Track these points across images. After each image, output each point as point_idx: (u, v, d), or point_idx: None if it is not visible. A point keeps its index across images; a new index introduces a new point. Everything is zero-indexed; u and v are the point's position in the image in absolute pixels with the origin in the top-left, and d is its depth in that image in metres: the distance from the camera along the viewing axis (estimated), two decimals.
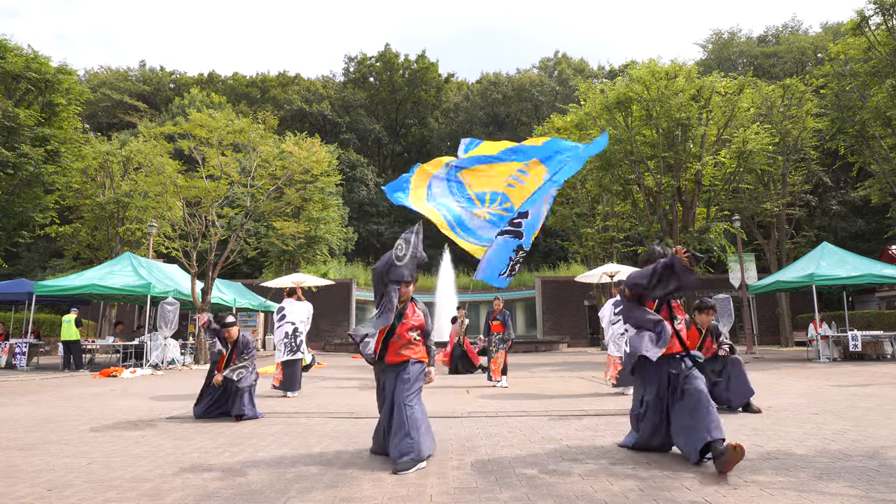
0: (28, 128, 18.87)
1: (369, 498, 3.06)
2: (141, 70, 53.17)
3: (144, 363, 13.83)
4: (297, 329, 8.51)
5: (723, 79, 19.72)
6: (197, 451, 4.34)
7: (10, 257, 25.98)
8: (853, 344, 14.19)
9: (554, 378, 10.81)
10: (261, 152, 18.50)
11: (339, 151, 37.13)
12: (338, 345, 25.94)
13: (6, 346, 15.30)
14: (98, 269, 15.62)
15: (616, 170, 20.23)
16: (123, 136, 33.54)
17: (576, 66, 52.04)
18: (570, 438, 4.68)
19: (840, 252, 16.17)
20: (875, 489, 3.08)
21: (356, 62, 52.80)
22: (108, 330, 21.26)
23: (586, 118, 22.26)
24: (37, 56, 19.83)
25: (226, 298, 18.52)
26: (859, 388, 8.20)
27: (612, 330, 8.39)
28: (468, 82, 57.94)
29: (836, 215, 31.41)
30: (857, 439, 4.45)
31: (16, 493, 3.19)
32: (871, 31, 19.82)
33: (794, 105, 24.55)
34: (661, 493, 3.06)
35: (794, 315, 25.21)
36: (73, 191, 22.42)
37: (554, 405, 6.74)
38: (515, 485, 3.28)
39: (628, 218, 24.14)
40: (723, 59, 41.81)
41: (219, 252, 17.44)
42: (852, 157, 23.29)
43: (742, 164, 19.90)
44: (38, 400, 7.80)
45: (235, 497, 3.09)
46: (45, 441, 4.77)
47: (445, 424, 5.45)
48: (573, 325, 29.86)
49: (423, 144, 54.15)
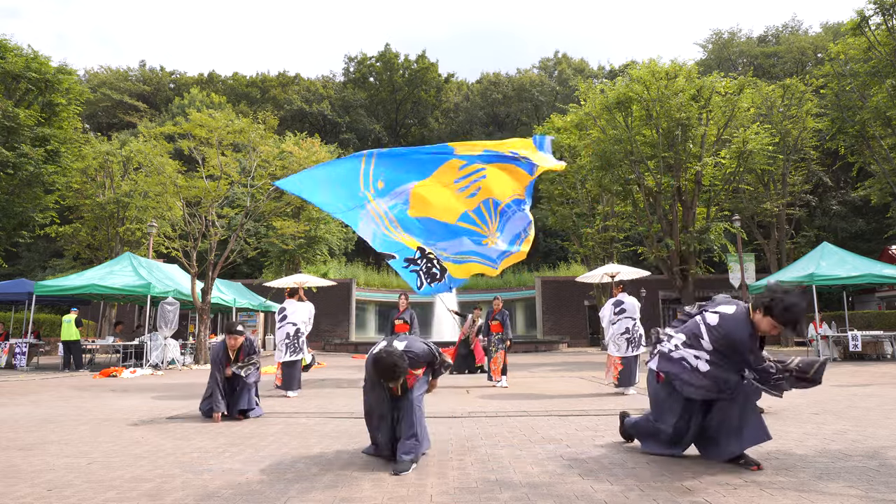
0: (28, 128, 18.87)
1: (369, 498, 3.06)
2: (141, 70, 53.17)
3: (144, 363, 13.83)
4: (298, 330, 8.52)
5: (723, 79, 19.72)
6: (197, 451, 4.34)
7: (10, 257, 25.97)
8: (853, 344, 14.19)
9: (554, 378, 10.81)
10: (261, 152, 18.50)
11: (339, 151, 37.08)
12: (338, 345, 25.95)
13: (6, 346, 15.30)
14: (98, 269, 15.62)
15: (616, 170, 20.23)
16: (123, 136, 33.56)
17: (576, 66, 52.04)
18: (570, 438, 4.68)
19: (840, 252, 16.17)
20: (875, 489, 3.08)
21: (356, 62, 52.80)
22: (108, 330, 21.27)
23: (586, 118, 22.27)
24: (37, 56, 19.83)
25: (226, 298, 18.52)
26: (859, 388, 8.20)
27: (612, 330, 8.40)
28: (468, 82, 57.94)
29: (836, 215, 31.42)
30: (857, 439, 4.46)
31: (16, 493, 3.19)
32: (871, 31, 19.82)
33: (794, 105, 24.56)
34: (661, 494, 3.06)
35: None
36: (73, 191, 22.42)
37: (554, 405, 6.74)
38: (515, 485, 3.28)
39: (628, 218, 24.14)
40: (723, 59, 41.82)
41: (219, 252, 17.43)
42: (852, 157, 23.29)
43: (742, 164, 19.91)
44: (38, 400, 7.80)
45: (235, 497, 3.09)
46: (45, 441, 4.77)
47: (445, 424, 5.45)
48: (573, 325, 29.87)
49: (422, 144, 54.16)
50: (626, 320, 8.32)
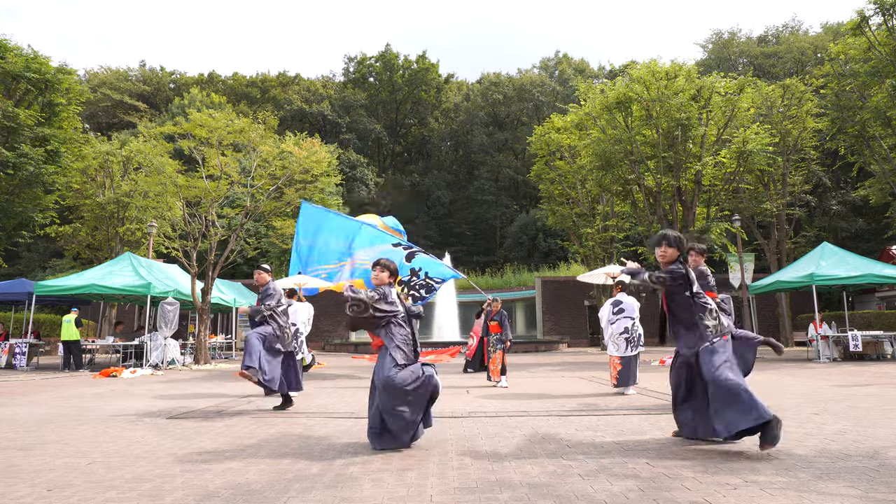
0: (28, 128, 18.88)
1: (369, 498, 3.06)
2: (141, 70, 53.16)
3: (144, 363, 13.83)
4: (297, 330, 8.55)
5: (723, 79, 19.74)
6: (197, 451, 4.34)
7: (10, 257, 25.97)
8: (853, 344, 14.19)
9: (554, 378, 10.81)
10: (261, 152, 18.49)
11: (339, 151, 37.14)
12: (338, 345, 25.94)
13: (6, 346, 15.30)
14: (98, 269, 15.62)
15: (616, 170, 20.24)
16: (123, 136, 33.55)
17: (576, 66, 52.06)
18: (570, 438, 4.68)
19: (840, 252, 16.17)
20: (875, 489, 3.08)
21: (356, 62, 52.81)
22: (108, 330, 21.27)
23: (586, 118, 22.29)
24: (37, 56, 19.84)
25: (226, 298, 18.52)
26: (859, 388, 8.20)
27: (610, 330, 8.39)
28: (468, 82, 57.93)
29: (836, 215, 31.42)
30: (857, 439, 4.46)
31: (16, 493, 3.19)
32: (871, 31, 19.83)
33: (794, 105, 24.56)
34: (661, 494, 3.06)
35: (794, 315, 25.21)
36: (73, 191, 22.42)
37: (554, 405, 6.74)
38: (515, 485, 3.28)
39: (628, 218, 24.15)
40: (723, 59, 41.81)
41: (219, 252, 17.44)
42: (852, 157, 23.29)
43: (742, 164, 19.91)
44: (38, 400, 7.80)
45: (235, 497, 3.09)
46: (45, 441, 4.77)
47: (445, 424, 5.45)
48: (573, 325, 29.86)
49: (423, 144, 54.15)
50: (625, 320, 8.31)
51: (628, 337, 8.21)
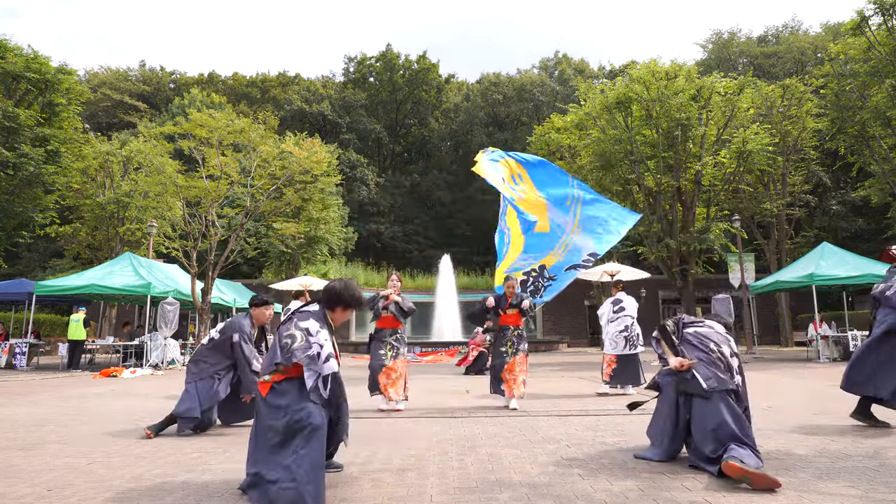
0: (28, 128, 18.89)
1: (369, 498, 3.06)
2: (141, 70, 53.14)
3: (144, 363, 13.84)
4: None
5: (723, 79, 19.73)
6: (197, 451, 4.34)
7: (10, 257, 25.97)
8: (853, 344, 14.19)
9: (554, 378, 10.82)
10: (261, 152, 18.51)
11: (339, 151, 37.10)
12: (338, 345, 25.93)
13: (6, 346, 15.31)
14: (98, 269, 15.63)
15: (616, 170, 20.23)
16: (123, 136, 33.54)
17: (576, 66, 52.00)
18: (570, 438, 4.68)
19: (840, 252, 16.18)
20: (875, 489, 3.08)
21: (356, 62, 52.76)
22: (108, 330, 21.29)
23: (586, 118, 22.27)
24: (37, 56, 19.85)
25: (226, 298, 18.53)
26: None
27: (610, 328, 8.40)
28: (468, 82, 57.87)
29: (836, 215, 31.41)
30: (857, 439, 4.46)
31: (16, 493, 3.19)
32: (871, 31, 19.82)
33: (793, 105, 24.55)
34: (661, 494, 3.06)
35: (794, 315, 25.21)
36: (73, 191, 22.44)
37: (554, 405, 6.74)
38: (515, 485, 3.28)
39: None
40: (723, 59, 41.79)
41: (219, 252, 17.44)
42: (852, 157, 23.29)
43: (742, 165, 19.90)
44: (38, 400, 7.80)
45: (235, 497, 3.09)
46: (45, 441, 4.77)
47: (445, 424, 5.45)
48: (573, 325, 29.87)
49: (423, 145, 54.12)
50: (625, 318, 8.32)
51: (627, 335, 8.21)
